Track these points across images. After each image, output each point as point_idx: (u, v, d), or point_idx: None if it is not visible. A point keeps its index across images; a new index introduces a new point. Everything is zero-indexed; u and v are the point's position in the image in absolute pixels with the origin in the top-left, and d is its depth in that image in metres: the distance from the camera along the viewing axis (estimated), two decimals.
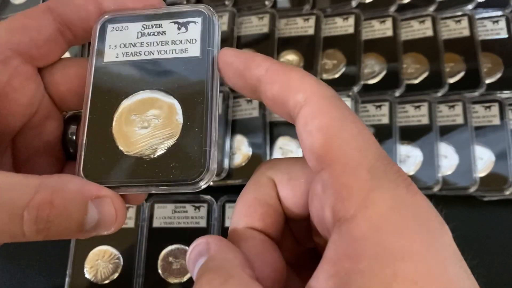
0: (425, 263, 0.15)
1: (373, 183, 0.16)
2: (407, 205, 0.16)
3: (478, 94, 0.44)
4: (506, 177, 0.40)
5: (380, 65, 0.46)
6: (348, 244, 0.15)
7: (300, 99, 0.17)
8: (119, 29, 0.21)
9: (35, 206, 0.17)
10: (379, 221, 0.15)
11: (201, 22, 0.21)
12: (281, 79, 0.18)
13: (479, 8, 0.48)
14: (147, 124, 0.20)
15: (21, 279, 0.43)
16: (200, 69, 0.20)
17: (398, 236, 0.15)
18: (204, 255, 0.17)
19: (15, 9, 0.53)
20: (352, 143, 0.16)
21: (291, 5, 0.50)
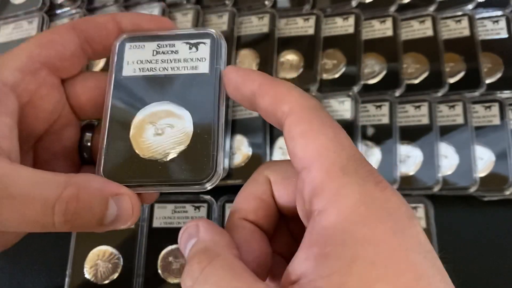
0: (386, 248, 0.16)
1: (343, 179, 0.18)
2: (374, 199, 0.17)
3: (478, 94, 0.44)
4: (506, 177, 0.40)
5: (380, 65, 0.46)
6: (318, 232, 0.17)
7: (286, 110, 0.20)
8: (136, 47, 0.24)
9: (64, 200, 0.19)
10: (346, 212, 0.17)
11: (210, 43, 0.23)
12: (270, 92, 0.20)
13: (479, 8, 0.48)
14: (161, 131, 0.22)
15: (21, 279, 0.43)
16: (208, 83, 0.23)
17: (363, 225, 0.17)
18: (194, 237, 0.20)
19: (15, 9, 0.53)
20: (328, 145, 0.18)
21: (291, 5, 0.50)
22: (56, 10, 0.52)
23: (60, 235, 0.43)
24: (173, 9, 0.50)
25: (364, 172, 0.18)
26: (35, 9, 0.52)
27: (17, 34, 0.51)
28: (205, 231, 0.20)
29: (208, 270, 0.17)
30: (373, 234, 0.16)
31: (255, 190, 0.22)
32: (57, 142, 0.25)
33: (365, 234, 0.16)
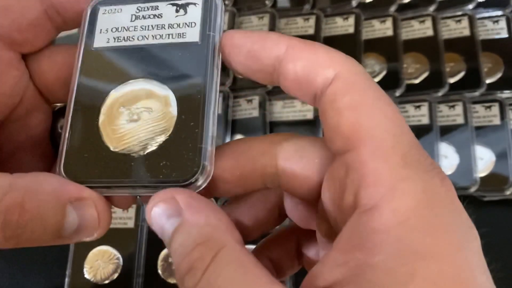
0: (450, 266, 0.13)
1: (405, 171, 0.14)
2: (439, 201, 0.14)
3: (478, 94, 0.44)
4: (506, 177, 0.40)
5: (380, 65, 0.46)
6: (366, 234, 0.13)
7: (330, 75, 0.15)
8: (111, 11, 0.19)
9: (2, 210, 0.15)
10: (405, 214, 0.13)
11: (202, 4, 0.19)
12: (306, 55, 0.16)
13: (480, 8, 0.48)
14: (136, 117, 0.18)
15: (21, 279, 0.43)
16: (199, 56, 0.18)
17: (424, 233, 0.13)
18: (173, 216, 0.15)
19: None
20: (386, 125, 0.15)
21: (291, 5, 0.50)
22: None
23: None
24: None
25: (428, 165, 0.14)
26: None
27: None
28: (192, 209, 0.15)
29: (214, 268, 0.14)
30: (436, 246, 0.13)
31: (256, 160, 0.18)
32: (22, 130, 0.20)
33: (427, 245, 0.13)
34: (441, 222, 0.14)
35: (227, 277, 0.13)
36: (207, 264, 0.14)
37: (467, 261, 0.14)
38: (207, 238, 0.14)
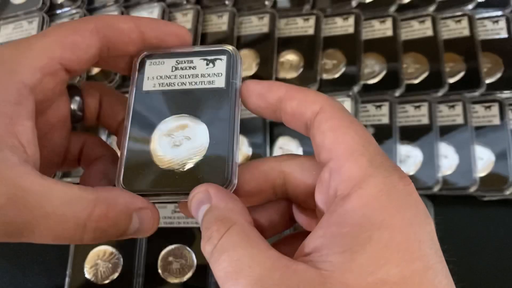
0: (400, 234, 0.17)
1: (370, 170, 0.19)
2: (397, 191, 0.19)
3: (478, 94, 0.44)
4: (506, 177, 0.41)
5: (380, 65, 0.46)
6: (339, 214, 0.18)
7: (316, 108, 0.21)
8: (156, 63, 0.25)
9: (95, 219, 0.20)
10: (368, 199, 0.18)
11: (226, 59, 0.25)
12: (299, 96, 0.22)
13: (479, 8, 0.48)
14: (179, 143, 0.23)
15: (21, 279, 0.43)
16: (225, 98, 0.24)
17: (382, 211, 0.18)
18: (206, 203, 0.20)
19: (15, 9, 0.53)
20: (356, 139, 0.20)
21: (291, 5, 0.50)
22: (56, 10, 0.52)
23: None
24: (173, 9, 0.50)
25: (389, 166, 0.19)
26: (35, 9, 0.52)
27: (17, 34, 0.51)
28: (217, 198, 0.20)
29: (226, 237, 0.18)
30: (390, 221, 0.18)
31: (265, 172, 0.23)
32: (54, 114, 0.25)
33: (383, 220, 0.18)
34: (396, 205, 0.18)
35: (235, 243, 0.18)
36: (222, 234, 0.18)
37: (416, 234, 0.18)
38: (224, 217, 0.19)
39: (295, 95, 0.22)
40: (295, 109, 0.22)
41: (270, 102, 0.22)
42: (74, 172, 0.43)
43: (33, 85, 0.21)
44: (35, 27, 0.51)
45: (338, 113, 0.21)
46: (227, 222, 0.19)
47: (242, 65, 0.25)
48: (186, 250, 0.40)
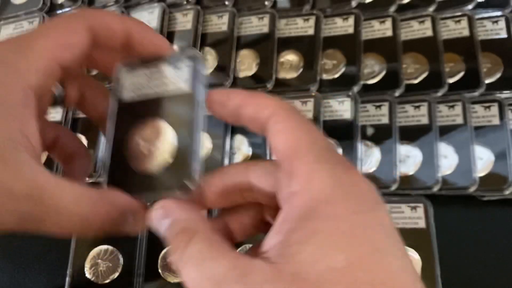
0: (345, 223, 0.19)
1: (315, 165, 0.20)
2: (342, 182, 0.20)
3: (477, 94, 0.44)
4: (505, 177, 0.41)
5: (380, 65, 0.46)
6: (290, 211, 0.20)
7: (267, 113, 0.22)
8: (132, 71, 0.27)
9: (101, 217, 0.22)
10: (315, 193, 0.19)
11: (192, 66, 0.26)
12: (253, 101, 0.23)
13: (479, 8, 0.48)
14: (149, 148, 0.25)
15: (22, 278, 0.43)
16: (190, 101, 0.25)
17: (326, 203, 0.19)
18: (168, 217, 0.22)
19: (16, 9, 0.53)
20: (303, 138, 0.21)
21: (291, 5, 0.51)
22: (56, 10, 0.53)
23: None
24: (173, 10, 0.50)
25: (334, 160, 0.21)
26: (35, 9, 0.52)
27: (18, 34, 0.51)
28: (178, 211, 0.22)
29: (191, 246, 0.20)
30: (334, 211, 0.19)
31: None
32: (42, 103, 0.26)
33: (328, 211, 0.19)
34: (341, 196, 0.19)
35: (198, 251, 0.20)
36: (187, 244, 0.20)
37: (361, 221, 0.19)
38: (186, 227, 0.21)
39: (250, 101, 0.23)
40: (251, 115, 0.23)
41: (230, 109, 0.24)
42: None
43: (36, 87, 0.23)
44: (35, 27, 0.51)
45: (288, 115, 0.22)
46: (190, 231, 0.21)
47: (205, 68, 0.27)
48: None
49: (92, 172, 0.43)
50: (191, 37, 0.48)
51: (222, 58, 0.48)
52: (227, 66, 0.47)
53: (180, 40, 0.49)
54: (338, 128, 0.44)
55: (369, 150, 0.43)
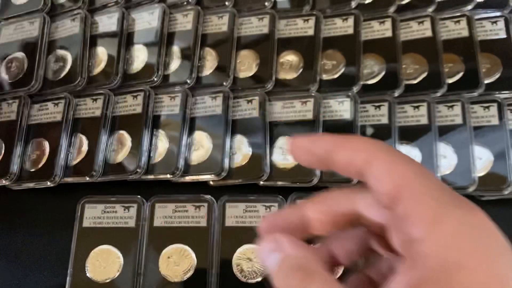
0: (481, 275, 0.17)
1: (439, 209, 0.18)
2: (471, 227, 0.18)
3: (477, 94, 0.44)
4: (504, 176, 0.41)
5: (379, 65, 0.46)
6: (416, 259, 0.18)
7: (365, 156, 0.21)
8: None
9: None
10: (444, 240, 0.18)
11: None
12: (346, 146, 0.22)
13: (478, 8, 0.48)
14: None
15: (22, 278, 0.43)
16: None
17: (459, 251, 0.18)
18: (278, 251, 0.21)
19: (16, 9, 0.53)
20: (416, 180, 0.19)
21: (291, 6, 0.51)
22: (57, 10, 0.53)
23: (62, 234, 0.43)
24: (174, 10, 0.51)
25: (458, 202, 0.19)
26: (36, 10, 0.52)
27: (19, 35, 0.52)
28: (290, 246, 0.21)
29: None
30: (469, 261, 0.17)
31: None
32: None
33: (461, 260, 0.17)
34: (473, 243, 0.18)
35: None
36: (305, 286, 0.19)
37: (495, 271, 0.17)
38: (303, 266, 0.20)
39: (342, 146, 0.22)
40: (345, 160, 0.22)
41: (318, 156, 0.22)
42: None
43: None
44: (36, 27, 0.51)
45: (389, 157, 0.21)
46: (306, 272, 0.20)
47: None
48: (186, 250, 0.41)
49: (92, 172, 0.43)
50: (192, 37, 0.48)
51: (222, 58, 0.48)
52: (227, 67, 0.47)
53: (181, 41, 0.49)
54: (337, 128, 0.44)
55: None
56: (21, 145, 0.46)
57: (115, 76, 0.47)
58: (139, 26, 0.50)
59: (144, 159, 0.43)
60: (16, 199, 0.46)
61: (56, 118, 0.46)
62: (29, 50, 0.50)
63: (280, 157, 0.43)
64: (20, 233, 0.45)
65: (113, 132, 0.45)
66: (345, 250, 0.24)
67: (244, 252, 0.40)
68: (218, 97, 0.46)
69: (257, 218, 0.42)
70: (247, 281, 0.39)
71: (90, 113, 0.46)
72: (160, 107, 0.46)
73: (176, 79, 0.47)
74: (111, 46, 0.49)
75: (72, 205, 0.44)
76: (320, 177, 0.42)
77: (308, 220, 0.23)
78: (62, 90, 0.48)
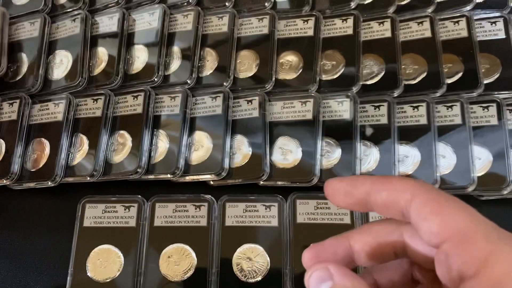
0: None
1: (490, 246, 0.19)
2: None
3: (476, 94, 0.44)
4: (503, 176, 0.41)
5: (378, 65, 0.47)
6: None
7: (409, 196, 0.21)
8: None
9: None
10: (499, 277, 0.18)
11: None
12: (386, 186, 0.22)
13: (477, 9, 0.48)
14: None
15: (23, 278, 0.43)
16: None
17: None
18: (328, 280, 0.21)
19: (17, 10, 0.53)
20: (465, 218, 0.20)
21: (290, 7, 0.51)
22: (58, 11, 0.53)
23: (62, 234, 0.44)
24: (174, 11, 0.51)
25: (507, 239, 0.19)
26: (37, 10, 0.52)
27: (19, 35, 0.52)
28: (340, 275, 0.21)
29: None
30: None
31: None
32: None
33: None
34: None
35: None
36: None
37: None
38: None
39: (383, 187, 0.22)
40: (387, 201, 0.22)
41: (357, 198, 0.23)
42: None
43: None
44: (37, 28, 0.51)
45: (431, 195, 0.21)
46: None
47: None
48: (187, 249, 0.41)
49: (93, 172, 0.43)
50: (192, 38, 0.49)
51: (222, 58, 0.48)
52: (227, 67, 0.47)
53: (181, 41, 0.49)
54: (337, 128, 0.44)
55: (368, 150, 0.43)
56: (21, 145, 0.46)
57: (115, 76, 0.47)
58: (140, 26, 0.50)
59: (144, 159, 0.43)
60: (16, 199, 0.46)
61: (57, 118, 0.46)
62: (29, 50, 0.50)
63: (280, 157, 0.43)
64: (20, 233, 0.45)
65: (113, 132, 0.46)
66: (389, 280, 0.24)
67: (244, 252, 0.40)
68: (218, 97, 0.46)
69: (257, 218, 0.42)
70: (247, 281, 0.40)
71: (90, 113, 0.46)
72: (160, 107, 0.46)
73: (176, 79, 0.47)
74: (111, 46, 0.49)
75: (73, 205, 0.44)
76: (319, 177, 0.42)
77: (353, 251, 0.23)
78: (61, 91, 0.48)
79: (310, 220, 0.41)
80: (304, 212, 0.42)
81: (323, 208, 0.42)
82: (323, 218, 0.41)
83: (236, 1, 0.51)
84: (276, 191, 0.43)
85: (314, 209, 0.42)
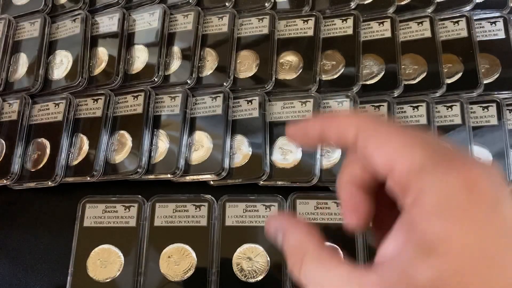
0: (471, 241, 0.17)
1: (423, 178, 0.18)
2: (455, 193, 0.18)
3: (476, 94, 0.44)
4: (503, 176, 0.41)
5: (378, 66, 0.47)
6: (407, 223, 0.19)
7: (354, 131, 0.21)
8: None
9: None
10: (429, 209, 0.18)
11: None
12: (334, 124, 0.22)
13: (477, 9, 0.48)
14: None
15: (23, 277, 0.43)
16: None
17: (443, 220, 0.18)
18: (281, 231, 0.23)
19: (17, 10, 0.53)
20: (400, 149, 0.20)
21: (290, 7, 0.51)
22: (58, 11, 0.53)
23: (63, 234, 0.44)
24: (174, 11, 0.51)
25: (442, 166, 0.18)
26: (37, 10, 0.52)
27: (20, 35, 0.52)
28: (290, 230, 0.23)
29: (303, 268, 0.21)
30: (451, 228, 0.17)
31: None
32: None
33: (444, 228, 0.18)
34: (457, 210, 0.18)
35: (312, 271, 0.21)
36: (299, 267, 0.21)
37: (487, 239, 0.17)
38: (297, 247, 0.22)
39: (331, 124, 0.22)
40: (336, 138, 0.22)
41: (314, 137, 0.23)
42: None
43: None
44: (37, 28, 0.51)
45: (374, 129, 0.21)
46: (299, 253, 0.22)
47: None
48: (187, 249, 0.41)
49: (93, 172, 0.43)
50: (192, 38, 0.49)
51: (222, 58, 0.48)
52: (227, 67, 0.47)
53: (181, 41, 0.49)
54: None
55: None
56: (22, 145, 0.46)
57: (115, 76, 0.47)
58: (140, 26, 0.50)
59: (144, 159, 0.44)
60: (17, 199, 0.46)
61: (57, 118, 0.46)
62: (29, 50, 0.50)
63: (280, 157, 0.44)
64: (21, 233, 0.45)
65: (113, 132, 0.46)
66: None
67: (244, 252, 0.41)
68: (218, 97, 0.46)
69: (257, 217, 0.42)
70: (247, 280, 0.40)
71: (91, 113, 0.47)
72: (160, 107, 0.46)
73: (176, 79, 0.48)
74: (112, 46, 0.49)
75: (73, 204, 0.44)
76: (319, 177, 0.42)
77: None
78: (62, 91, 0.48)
79: (310, 220, 0.41)
80: (304, 212, 0.42)
81: (323, 208, 0.42)
82: (323, 218, 0.41)
83: (236, 1, 0.51)
84: (276, 191, 0.43)
85: (314, 209, 0.42)
